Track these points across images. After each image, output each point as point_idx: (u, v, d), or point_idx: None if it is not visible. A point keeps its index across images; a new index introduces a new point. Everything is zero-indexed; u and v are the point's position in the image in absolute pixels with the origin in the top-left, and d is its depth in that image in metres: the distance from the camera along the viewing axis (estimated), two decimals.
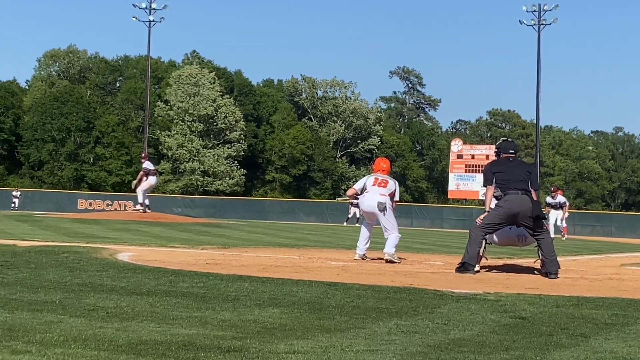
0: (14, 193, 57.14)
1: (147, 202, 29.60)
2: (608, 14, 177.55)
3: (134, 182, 29.77)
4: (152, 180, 29.19)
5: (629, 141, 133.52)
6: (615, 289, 10.22)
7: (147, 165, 29.61)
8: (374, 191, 14.00)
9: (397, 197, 14.24)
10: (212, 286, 8.70)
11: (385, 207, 13.97)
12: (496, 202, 12.29)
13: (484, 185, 12.50)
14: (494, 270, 12.70)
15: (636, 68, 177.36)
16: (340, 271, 11.52)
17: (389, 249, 13.68)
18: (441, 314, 7.22)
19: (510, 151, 12.71)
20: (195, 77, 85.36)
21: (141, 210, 29.16)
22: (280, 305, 7.40)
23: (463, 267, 11.93)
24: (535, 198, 12.28)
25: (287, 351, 5.22)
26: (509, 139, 13.10)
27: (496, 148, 13.16)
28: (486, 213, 12.27)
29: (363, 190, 14.18)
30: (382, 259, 13.71)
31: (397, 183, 14.29)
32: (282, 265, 12.37)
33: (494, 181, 12.27)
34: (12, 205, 54.72)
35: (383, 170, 14.49)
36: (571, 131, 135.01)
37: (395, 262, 13.44)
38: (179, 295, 7.86)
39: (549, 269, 11.96)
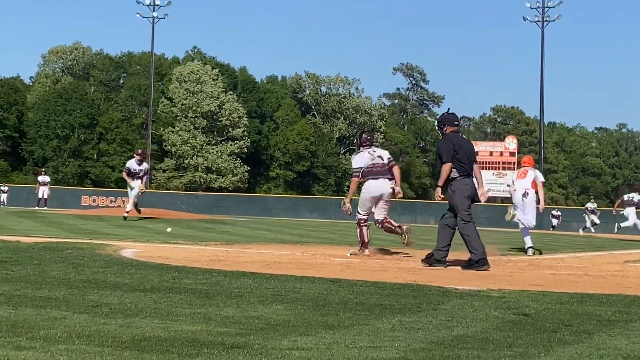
0: (2, 188, 56.60)
1: (128, 207, 25.54)
2: (611, 11, 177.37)
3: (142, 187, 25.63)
4: (134, 184, 25.19)
5: (633, 138, 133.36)
6: (618, 285, 10.20)
7: (130, 164, 25.88)
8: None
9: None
10: (215, 283, 8.70)
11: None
12: (451, 185, 12.22)
13: (445, 162, 12.23)
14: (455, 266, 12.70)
15: (638, 64, 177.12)
16: (344, 268, 11.52)
17: None
18: (445, 311, 7.21)
19: (455, 123, 12.65)
20: (197, 74, 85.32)
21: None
22: (283, 302, 7.40)
23: (478, 264, 11.78)
24: (477, 172, 12.57)
25: (291, 347, 5.22)
26: (450, 111, 12.92)
27: (438, 121, 12.99)
28: (460, 204, 12.11)
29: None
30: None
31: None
32: (286, 261, 12.37)
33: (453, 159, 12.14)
34: (2, 201, 54.25)
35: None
36: (575, 128, 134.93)
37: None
38: (183, 292, 7.86)
39: (436, 258, 12.18)
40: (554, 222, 52.47)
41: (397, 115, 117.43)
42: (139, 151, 27.08)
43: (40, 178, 47.19)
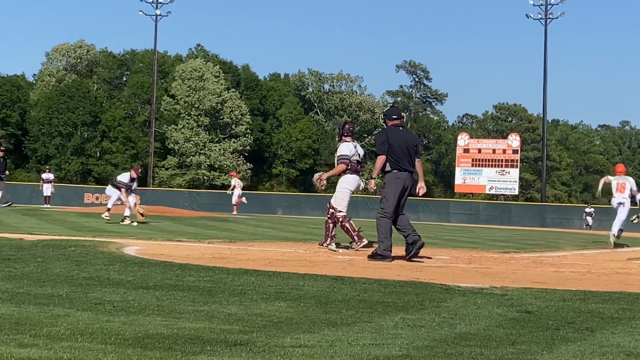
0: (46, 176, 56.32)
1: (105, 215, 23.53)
2: (615, 8, 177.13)
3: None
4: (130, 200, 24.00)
5: (636, 135, 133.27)
6: (621, 283, 10.20)
7: (121, 178, 24.70)
8: None
9: None
10: (218, 280, 8.71)
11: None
12: (384, 178, 12.65)
13: (378, 154, 12.66)
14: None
15: None
16: (347, 265, 11.52)
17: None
18: (447, 308, 7.21)
19: (394, 117, 12.87)
20: (199, 71, 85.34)
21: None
22: (286, 299, 7.40)
23: (379, 256, 12.30)
24: (420, 167, 12.86)
25: (294, 345, 5.22)
26: (394, 105, 13.32)
27: (383, 115, 13.29)
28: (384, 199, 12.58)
29: None
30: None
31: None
32: (289, 259, 12.37)
33: (387, 151, 12.49)
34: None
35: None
36: (578, 125, 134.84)
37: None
38: (186, 289, 7.87)
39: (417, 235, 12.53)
40: (589, 220, 51.11)
41: None
42: (139, 170, 25.51)
43: (44, 175, 47.05)
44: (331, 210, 14.40)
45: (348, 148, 14.38)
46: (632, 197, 23.00)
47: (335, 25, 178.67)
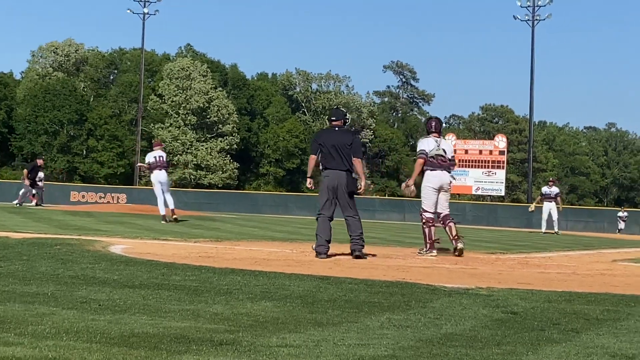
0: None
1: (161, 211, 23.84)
2: (602, 10, 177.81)
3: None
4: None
5: (622, 137, 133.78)
6: (607, 284, 10.24)
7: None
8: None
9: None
10: (204, 279, 8.70)
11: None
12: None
13: (310, 154, 13.16)
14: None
15: (629, 64, 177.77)
16: (333, 265, 11.52)
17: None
18: (433, 309, 7.23)
19: (332, 119, 13.18)
20: (187, 70, 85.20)
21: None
22: (272, 299, 7.40)
23: (316, 253, 12.58)
24: (358, 166, 12.93)
25: (279, 345, 5.22)
26: (338, 107, 13.53)
27: (327, 115, 13.63)
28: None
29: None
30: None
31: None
32: (275, 258, 12.37)
33: (318, 151, 12.83)
34: None
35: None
36: (564, 127, 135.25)
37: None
38: (172, 288, 7.86)
39: (358, 246, 12.66)
40: (621, 225, 50.46)
41: (387, 113, 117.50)
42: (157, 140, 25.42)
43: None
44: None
45: (426, 143, 14.27)
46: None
47: (324, 25, 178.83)
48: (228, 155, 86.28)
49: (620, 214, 51.55)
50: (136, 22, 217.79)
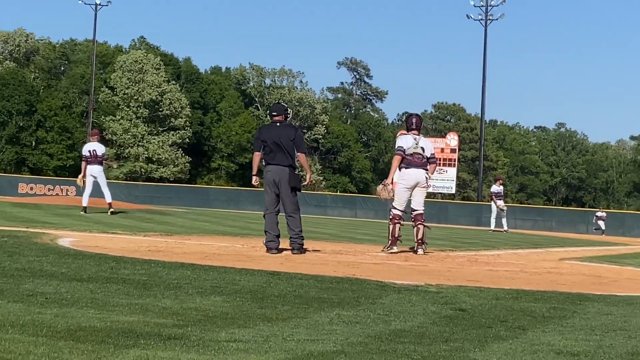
0: None
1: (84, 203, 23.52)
2: (553, 11, 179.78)
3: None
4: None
5: (571, 137, 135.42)
6: (553, 282, 10.36)
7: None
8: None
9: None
10: (153, 273, 8.65)
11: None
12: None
13: (254, 151, 13.17)
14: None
15: (578, 66, 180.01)
16: (284, 260, 11.52)
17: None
18: (382, 305, 7.25)
19: (274, 114, 13.15)
20: (140, 63, 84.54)
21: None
22: (222, 294, 7.38)
23: (267, 249, 12.63)
24: (303, 160, 13.01)
25: (228, 340, 5.21)
26: (279, 102, 13.53)
27: (268, 110, 13.67)
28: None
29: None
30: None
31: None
32: (225, 253, 12.34)
33: (262, 148, 12.85)
34: None
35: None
36: (515, 126, 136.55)
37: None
38: (120, 282, 7.80)
39: (297, 244, 12.73)
40: (601, 224, 48.89)
41: (340, 110, 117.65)
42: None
43: None
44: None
45: (404, 140, 14.19)
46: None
47: (278, 20, 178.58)
48: (180, 149, 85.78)
49: (599, 213, 50.82)
50: (89, 13, 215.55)
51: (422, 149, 14.14)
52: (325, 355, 4.87)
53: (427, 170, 14.23)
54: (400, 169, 14.22)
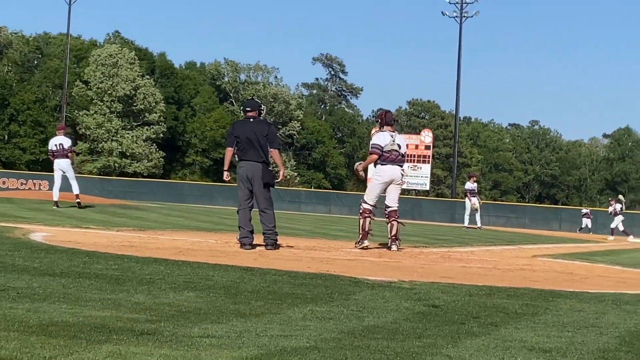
0: None
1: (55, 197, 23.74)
2: (528, 9, 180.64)
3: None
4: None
5: (544, 135, 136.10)
6: (526, 279, 10.42)
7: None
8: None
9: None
10: (126, 268, 8.61)
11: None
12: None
13: (226, 146, 13.28)
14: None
15: (552, 64, 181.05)
16: (257, 256, 11.51)
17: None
18: (356, 301, 7.26)
19: (248, 109, 13.16)
20: (114, 57, 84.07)
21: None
22: (195, 289, 7.36)
23: (241, 245, 12.65)
24: (276, 156, 13.02)
25: (202, 335, 5.20)
26: (252, 98, 13.54)
27: (241, 108, 13.63)
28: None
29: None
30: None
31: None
32: (199, 249, 12.31)
33: (234, 144, 12.87)
34: None
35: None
36: (489, 123, 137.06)
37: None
38: (93, 277, 7.76)
39: (270, 240, 12.74)
40: (587, 222, 47.36)
41: (315, 106, 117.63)
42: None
43: None
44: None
45: (382, 137, 14.19)
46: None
47: (253, 15, 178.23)
48: (154, 144, 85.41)
49: (585, 210, 50.11)
50: (63, 6, 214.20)
51: (399, 145, 14.19)
52: (298, 351, 4.87)
53: (402, 166, 14.29)
54: (375, 165, 14.26)
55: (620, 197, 44.23)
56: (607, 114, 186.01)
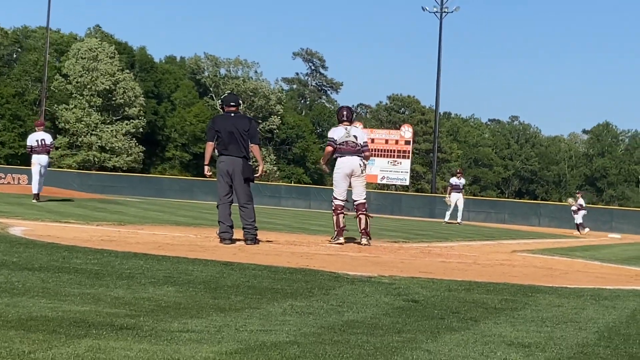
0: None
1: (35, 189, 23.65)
2: (506, 5, 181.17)
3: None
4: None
5: (524, 130, 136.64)
6: (506, 274, 10.46)
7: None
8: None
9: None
10: (106, 263, 8.59)
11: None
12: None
13: (206, 141, 13.30)
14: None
15: (532, 59, 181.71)
16: (237, 251, 11.50)
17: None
18: (336, 296, 7.27)
19: (232, 104, 13.18)
20: (94, 51, 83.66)
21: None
22: (175, 284, 7.35)
23: (220, 239, 12.64)
24: (256, 152, 13.09)
25: (181, 330, 5.19)
26: (232, 92, 13.59)
27: (220, 101, 13.60)
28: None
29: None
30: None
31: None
32: (179, 243, 12.28)
33: (215, 138, 12.89)
34: None
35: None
36: (469, 119, 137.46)
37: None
38: (72, 272, 7.73)
39: (250, 235, 12.73)
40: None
41: (295, 100, 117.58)
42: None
43: None
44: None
45: (335, 132, 14.42)
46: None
47: (233, 10, 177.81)
48: (134, 138, 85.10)
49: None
50: (43, 0, 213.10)
51: (355, 137, 14.33)
52: (278, 346, 4.88)
53: (361, 157, 14.36)
54: (335, 159, 14.42)
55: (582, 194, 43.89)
56: (586, 110, 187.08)
